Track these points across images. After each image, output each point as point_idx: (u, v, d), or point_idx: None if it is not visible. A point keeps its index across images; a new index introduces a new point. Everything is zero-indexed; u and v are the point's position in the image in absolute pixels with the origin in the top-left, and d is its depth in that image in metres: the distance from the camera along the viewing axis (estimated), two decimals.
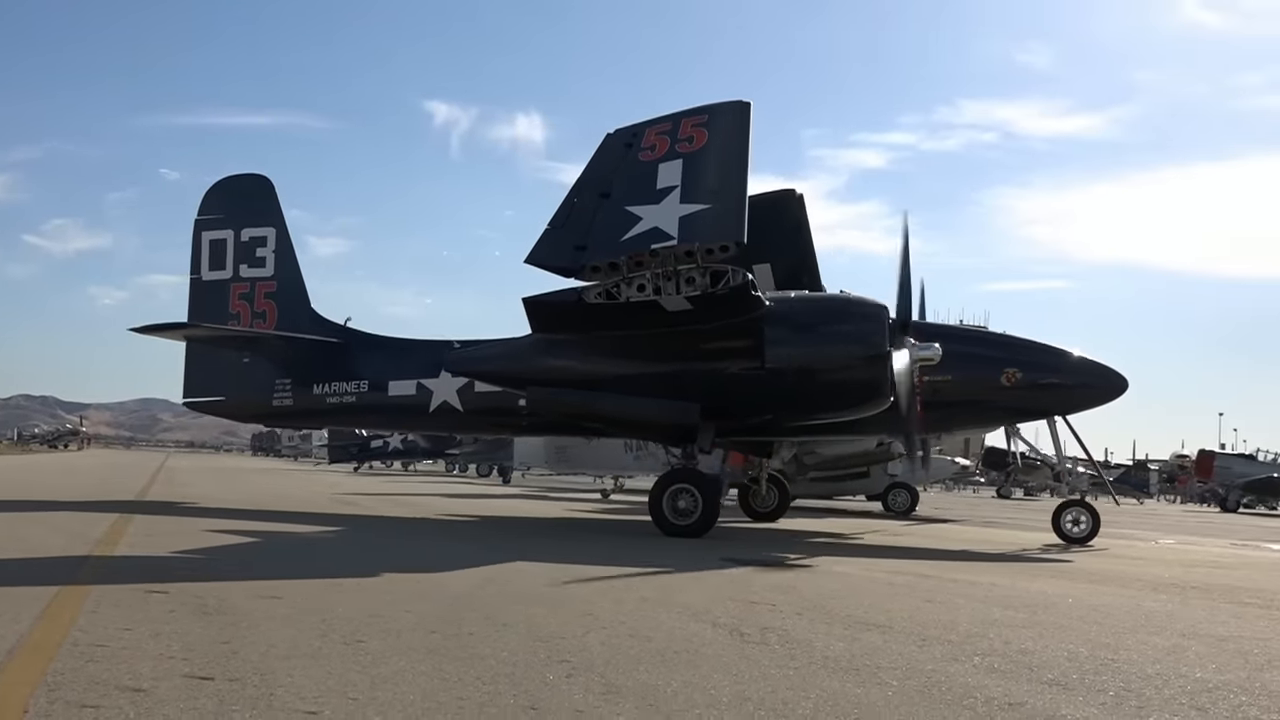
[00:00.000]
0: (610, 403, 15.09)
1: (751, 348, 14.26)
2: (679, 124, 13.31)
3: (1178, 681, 5.25)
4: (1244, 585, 10.72)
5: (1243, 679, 5.39)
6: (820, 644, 5.93)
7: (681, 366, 14.74)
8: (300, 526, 14.04)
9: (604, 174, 13.52)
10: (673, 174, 13.02)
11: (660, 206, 12.93)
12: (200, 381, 19.06)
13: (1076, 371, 15.89)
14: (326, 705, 4.13)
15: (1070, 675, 5.30)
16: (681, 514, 14.05)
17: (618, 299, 13.37)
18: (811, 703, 4.50)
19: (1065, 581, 10.34)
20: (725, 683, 4.82)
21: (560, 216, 13.45)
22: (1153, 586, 10.25)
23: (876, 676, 5.09)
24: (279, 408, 18.37)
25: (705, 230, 12.76)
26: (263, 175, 19.73)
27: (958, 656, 5.71)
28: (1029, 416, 16.87)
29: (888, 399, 14.21)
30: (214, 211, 19.36)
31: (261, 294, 18.79)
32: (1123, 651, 6.07)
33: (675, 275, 13.05)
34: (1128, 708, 4.64)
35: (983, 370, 15.48)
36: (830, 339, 14.45)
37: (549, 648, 5.49)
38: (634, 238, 12.91)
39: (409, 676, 4.69)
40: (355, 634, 5.65)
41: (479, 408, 16.89)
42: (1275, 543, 20.42)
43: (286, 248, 19.02)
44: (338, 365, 17.87)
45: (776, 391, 14.48)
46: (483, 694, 4.42)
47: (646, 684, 4.74)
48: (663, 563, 10.30)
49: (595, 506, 24.64)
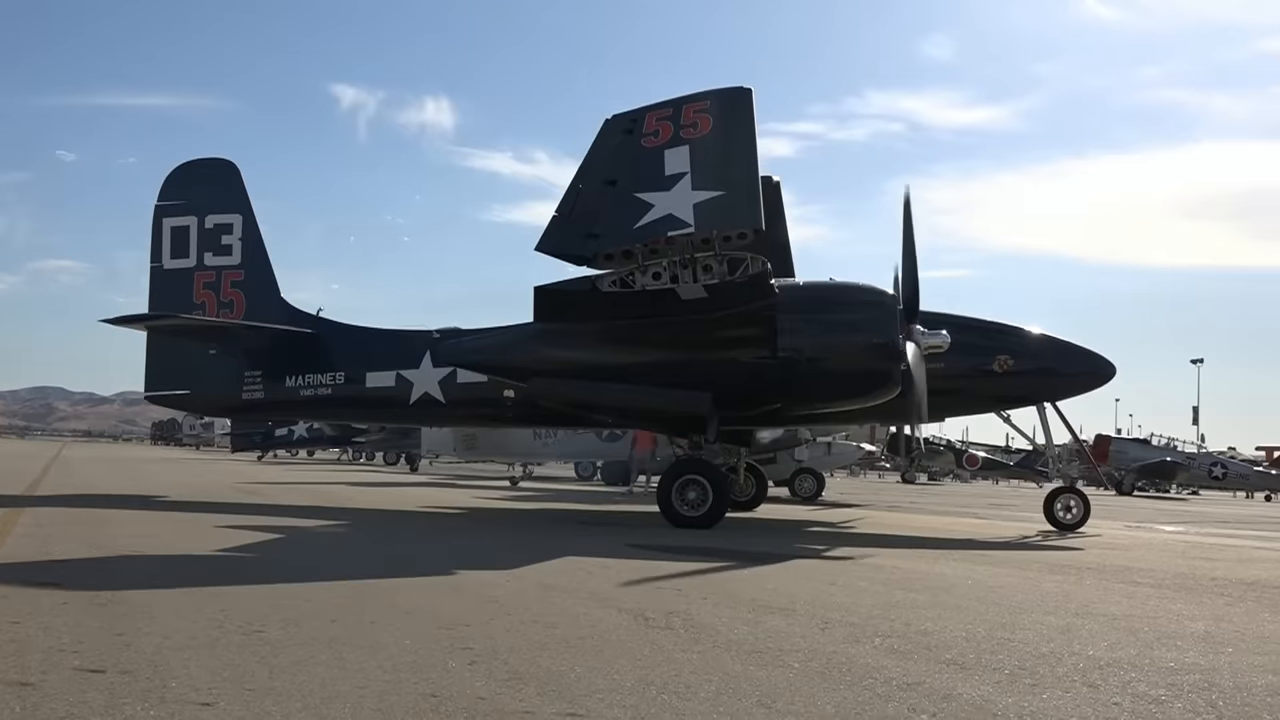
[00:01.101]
0: (618, 393, 14.87)
1: (763, 336, 14.22)
2: (680, 109, 13.01)
3: (1070, 659, 5.38)
4: (1136, 565, 11.02)
5: (1133, 656, 5.54)
6: (724, 628, 5.97)
7: (692, 355, 14.60)
8: (201, 515, 13.76)
9: (606, 160, 13.17)
10: (680, 160, 12.79)
11: (671, 193, 12.72)
12: (163, 375, 18.31)
13: (1067, 358, 16.02)
14: (222, 697, 4.05)
15: (967, 655, 5.41)
16: (691, 505, 13.92)
17: (632, 287, 13.27)
18: (714, 686, 4.53)
19: (965, 564, 10.54)
20: (629, 668, 4.83)
21: (566, 204, 13.18)
22: (1049, 567, 10.50)
23: (779, 659, 5.14)
24: (249, 401, 17.73)
25: (722, 217, 12.66)
26: (227, 160, 19.00)
27: (859, 638, 5.79)
28: (1020, 403, 16.82)
29: (898, 387, 14.22)
30: (175, 197, 18.60)
31: (228, 283, 18.09)
32: (1019, 631, 6.21)
33: (692, 263, 13.01)
34: (1022, 685, 4.74)
35: (975, 357, 15.48)
36: (841, 328, 14.44)
37: (452, 635, 5.45)
38: (648, 225, 12.73)
39: (308, 666, 4.62)
40: (254, 624, 5.55)
41: (462, 399, 16.52)
42: (1167, 524, 21.04)
43: (254, 235, 18.33)
44: (311, 357, 17.32)
45: (787, 381, 14.44)
46: (383, 683, 4.37)
47: (550, 670, 4.72)
48: (569, 550, 10.29)
49: (503, 494, 24.52)
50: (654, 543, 11.66)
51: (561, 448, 30.91)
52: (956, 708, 4.30)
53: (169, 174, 18.95)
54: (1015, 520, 19.48)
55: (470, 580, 7.95)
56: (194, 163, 19.11)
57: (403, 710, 3.97)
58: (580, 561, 9.40)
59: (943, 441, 51.64)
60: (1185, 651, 5.72)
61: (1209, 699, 4.59)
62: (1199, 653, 5.70)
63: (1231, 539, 17.00)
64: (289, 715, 3.86)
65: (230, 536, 11.01)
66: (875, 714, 4.17)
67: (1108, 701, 4.49)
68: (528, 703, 4.15)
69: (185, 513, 14.26)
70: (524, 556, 9.64)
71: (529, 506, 19.73)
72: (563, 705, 4.13)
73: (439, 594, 6.99)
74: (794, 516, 19.15)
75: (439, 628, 5.65)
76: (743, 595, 7.45)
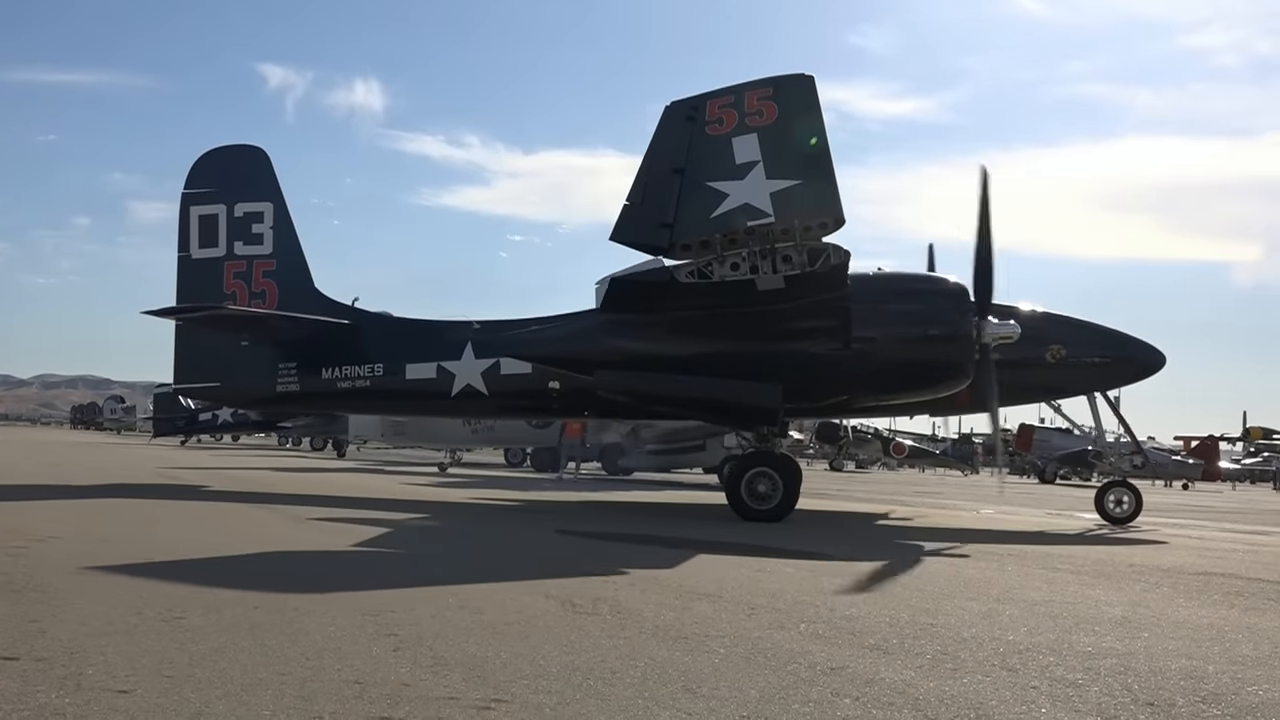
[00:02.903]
0: (688, 384, 14.69)
1: (837, 327, 14.15)
2: (742, 97, 12.70)
3: (991, 644, 5.47)
4: (1056, 552, 11.23)
5: (1052, 640, 5.64)
6: (651, 614, 5.98)
7: (766, 346, 14.47)
8: (123, 500, 13.51)
9: (672, 148, 12.88)
10: (749, 148, 12.55)
11: (745, 182, 12.51)
12: (193, 367, 17.85)
13: (1119, 348, 16.03)
14: (140, 684, 3.98)
15: (891, 640, 5.48)
16: (760, 498, 13.85)
17: (710, 277, 13.16)
18: (639, 671, 4.54)
19: (890, 550, 10.67)
20: (555, 653, 4.82)
21: (636, 193, 12.95)
22: (972, 554, 10.66)
23: (704, 644, 5.16)
24: (284, 393, 17.26)
25: (802, 207, 12.49)
26: (258, 146, 18.49)
27: (784, 624, 5.83)
28: (1071, 393, 16.81)
29: (969, 379, 14.24)
30: (203, 185, 18.06)
31: (259, 272, 17.61)
32: (941, 616, 6.30)
33: (772, 253, 12.90)
34: (943, 669, 4.81)
35: (1028, 347, 15.26)
36: (915, 319, 14.38)
37: (377, 622, 5.40)
38: (725, 214, 12.56)
39: (230, 653, 4.56)
40: (174, 610, 5.46)
41: (506, 390, 16.15)
42: (1088, 511, 21.45)
43: (286, 224, 17.88)
44: (348, 348, 16.87)
45: (859, 372, 14.35)
46: (306, 669, 4.33)
47: (475, 656, 4.71)
48: (497, 537, 10.26)
49: (432, 480, 24.35)
50: (583, 529, 11.67)
51: (491, 435, 30.77)
52: (879, 692, 4.35)
53: (196, 160, 18.43)
54: (940, 509, 19.75)
55: (395, 566, 7.90)
56: (222, 149, 18.58)
57: (325, 697, 3.94)
58: (508, 547, 9.37)
59: (870, 430, 52.15)
60: (1102, 636, 5.84)
61: (1124, 682, 4.69)
62: (1116, 637, 5.82)
63: (1149, 526, 17.39)
64: (208, 703, 3.81)
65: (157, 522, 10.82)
66: (799, 698, 4.20)
67: (1026, 685, 4.57)
68: (452, 688, 4.13)
69: (104, 498, 13.99)
70: (451, 543, 9.60)
71: (457, 493, 19.61)
72: (487, 691, 4.12)
73: (364, 580, 6.92)
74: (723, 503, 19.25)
75: (363, 614, 5.59)
76: (670, 582, 7.48)
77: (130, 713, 3.69)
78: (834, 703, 4.16)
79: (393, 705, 3.87)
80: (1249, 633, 6.19)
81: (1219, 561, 10.78)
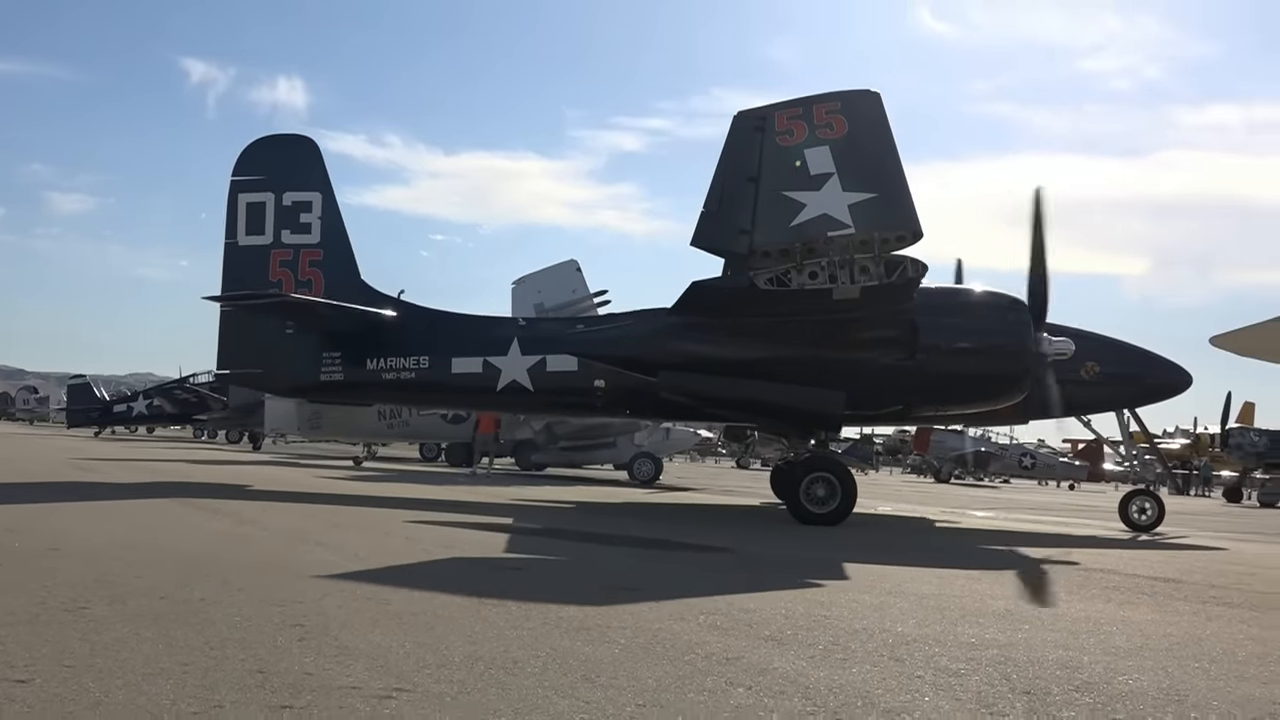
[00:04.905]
0: (754, 389, 14.76)
1: (905, 338, 14.34)
2: (810, 109, 12.86)
3: (881, 635, 5.69)
4: (948, 547, 11.58)
5: (939, 632, 5.88)
6: (554, 605, 6.10)
7: (835, 354, 14.58)
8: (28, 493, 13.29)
9: (744, 157, 13.00)
10: (823, 160, 12.70)
11: (821, 193, 12.66)
12: (237, 353, 17.64)
13: (1150, 367, 16.45)
14: (39, 674, 4.01)
15: (785, 631, 5.67)
16: (819, 502, 13.83)
17: (788, 285, 13.22)
18: (541, 661, 4.67)
19: (789, 544, 10.90)
20: (459, 643, 4.93)
21: (713, 200, 13.10)
22: (865, 548, 10.96)
23: (605, 635, 5.31)
24: (327, 382, 17.11)
25: (880, 219, 12.69)
26: (307, 136, 18.49)
27: (684, 616, 6.00)
28: (1102, 408, 17.01)
29: (1025, 392, 14.57)
30: (252, 172, 17.94)
31: (306, 262, 17.50)
32: (834, 609, 6.52)
33: (850, 264, 13.01)
34: (834, 660, 5.01)
35: (1067, 363, 15.53)
36: (978, 332, 14.65)
37: (283, 612, 5.46)
38: (804, 224, 12.71)
39: (132, 643, 4.59)
40: (78, 600, 5.47)
41: (551, 387, 16.19)
42: (979, 509, 22.09)
43: (334, 214, 17.77)
44: (394, 340, 16.80)
45: (921, 383, 14.61)
46: (209, 659, 4.38)
47: (380, 646, 4.79)
48: (409, 530, 10.30)
49: (346, 474, 24.21)
50: (494, 522, 11.75)
51: (407, 429, 30.65)
52: (771, 681, 4.53)
53: (245, 148, 18.28)
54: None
55: (303, 557, 7.91)
56: (271, 138, 18.51)
57: (227, 686, 4.00)
58: (419, 540, 9.42)
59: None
60: (986, 628, 6.09)
61: (1004, 672, 4.93)
62: (998, 629, 6.09)
63: (1036, 524, 17.96)
64: (109, 692, 3.86)
65: (56, 514, 10.68)
66: (694, 687, 4.36)
67: (911, 674, 4.79)
68: (355, 678, 4.21)
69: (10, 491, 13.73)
70: (363, 535, 9.62)
71: (371, 487, 19.54)
72: (390, 680, 4.21)
73: (272, 573, 6.95)
74: (632, 499, 19.45)
75: (270, 604, 5.65)
76: (575, 574, 7.61)
77: (28, 702, 3.71)
78: (728, 691, 4.32)
79: (294, 694, 3.94)
80: (1123, 625, 6.50)
81: (1098, 558, 11.22)
